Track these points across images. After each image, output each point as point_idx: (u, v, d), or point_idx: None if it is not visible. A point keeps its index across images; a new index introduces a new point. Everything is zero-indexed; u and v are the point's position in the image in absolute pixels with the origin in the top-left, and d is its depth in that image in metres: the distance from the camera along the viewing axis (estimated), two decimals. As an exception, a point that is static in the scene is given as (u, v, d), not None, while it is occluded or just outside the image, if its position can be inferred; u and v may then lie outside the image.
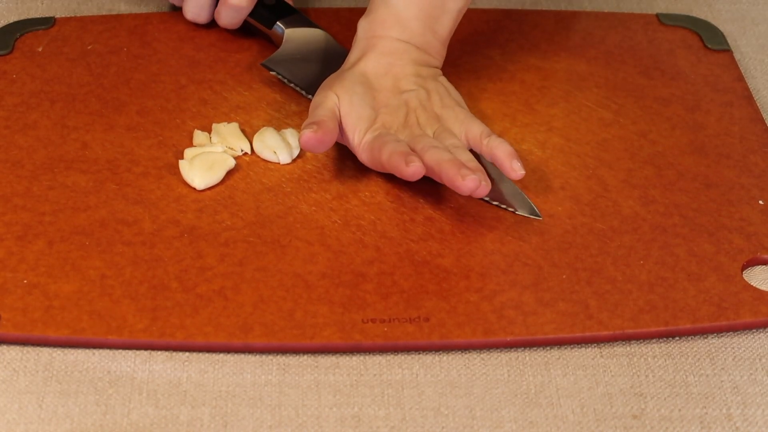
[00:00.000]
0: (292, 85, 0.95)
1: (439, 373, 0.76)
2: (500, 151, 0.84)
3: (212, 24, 1.02)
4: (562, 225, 0.85)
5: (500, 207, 0.85)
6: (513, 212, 0.85)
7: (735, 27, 1.07)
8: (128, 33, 1.01)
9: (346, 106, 0.87)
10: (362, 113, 0.86)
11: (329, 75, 0.90)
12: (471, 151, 0.86)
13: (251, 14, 0.99)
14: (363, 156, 0.86)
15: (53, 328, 0.76)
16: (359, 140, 0.86)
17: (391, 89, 0.88)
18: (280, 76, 0.95)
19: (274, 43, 0.99)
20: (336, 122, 0.86)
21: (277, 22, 0.98)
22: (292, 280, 0.80)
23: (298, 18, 0.99)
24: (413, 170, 0.82)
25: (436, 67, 0.92)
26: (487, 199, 0.86)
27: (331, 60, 0.95)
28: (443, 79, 0.91)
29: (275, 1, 1.00)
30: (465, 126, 0.87)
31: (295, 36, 0.97)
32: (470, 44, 1.01)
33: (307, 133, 0.84)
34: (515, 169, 0.83)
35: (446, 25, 0.91)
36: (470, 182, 0.81)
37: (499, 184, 0.86)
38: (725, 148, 0.92)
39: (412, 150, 0.84)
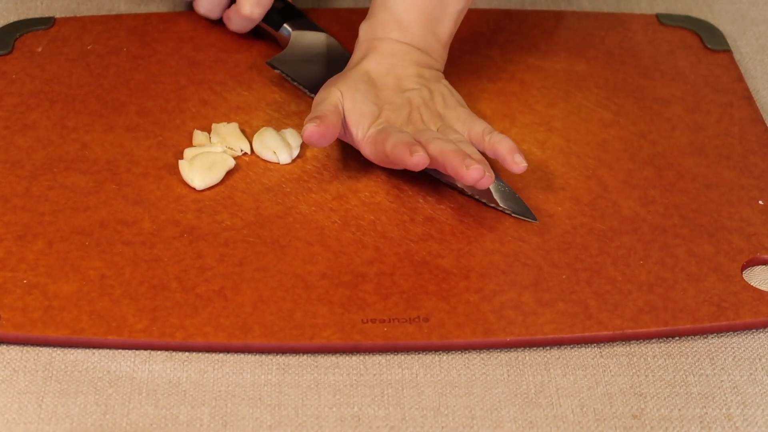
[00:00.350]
0: (295, 83, 0.95)
1: (439, 373, 0.76)
2: (502, 147, 0.84)
3: (212, 24, 1.02)
4: (562, 225, 0.85)
5: (497, 209, 0.85)
6: (509, 214, 0.85)
7: (735, 27, 1.07)
8: (128, 33, 1.01)
9: (350, 102, 0.87)
10: (366, 109, 0.86)
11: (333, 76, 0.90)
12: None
13: None
14: (367, 150, 0.86)
15: (53, 328, 0.76)
16: (363, 135, 0.86)
17: (394, 88, 0.88)
18: (284, 75, 0.95)
19: (280, 44, 0.99)
20: (339, 117, 0.86)
21: (284, 25, 0.98)
22: (292, 281, 0.80)
23: (305, 21, 0.99)
24: (417, 160, 0.81)
25: (438, 70, 0.92)
26: (484, 200, 0.86)
27: (335, 63, 0.95)
28: (445, 81, 0.91)
29: (283, 4, 1.00)
30: (468, 125, 0.87)
31: (301, 38, 0.98)
32: (470, 44, 1.01)
33: (311, 127, 0.84)
34: (517, 163, 0.83)
35: (447, 27, 0.91)
36: (474, 171, 0.81)
37: (497, 184, 0.86)
38: (725, 148, 0.92)
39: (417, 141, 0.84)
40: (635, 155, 0.91)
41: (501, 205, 0.85)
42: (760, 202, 0.87)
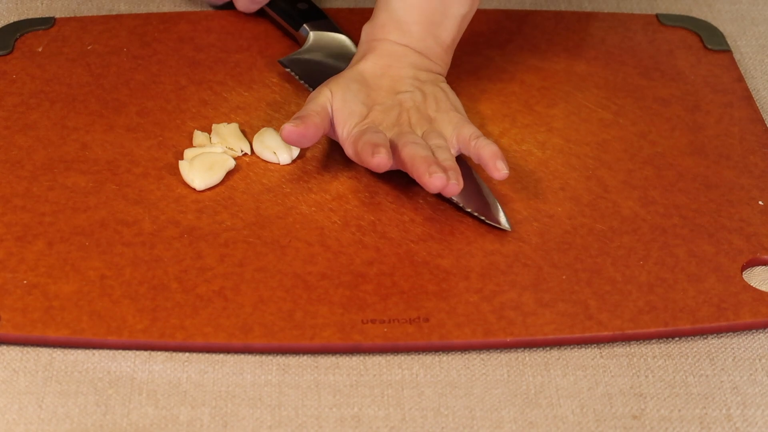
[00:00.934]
0: (302, 82, 0.95)
1: (439, 374, 0.76)
2: (485, 152, 0.84)
3: (212, 24, 1.02)
4: (562, 226, 0.85)
5: (471, 215, 0.85)
6: (483, 221, 0.84)
7: (735, 27, 1.07)
8: (128, 33, 1.01)
9: (339, 101, 0.87)
10: (354, 109, 0.86)
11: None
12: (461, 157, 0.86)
13: (280, 13, 1.00)
14: (348, 150, 0.86)
15: (53, 329, 0.76)
16: (347, 134, 0.86)
17: (388, 90, 0.88)
18: (292, 73, 0.95)
19: (299, 44, 1.00)
20: (324, 117, 0.86)
21: (304, 25, 0.99)
22: (292, 281, 0.80)
23: (326, 23, 0.99)
24: (378, 160, 0.81)
25: (438, 73, 0.91)
26: (461, 205, 0.85)
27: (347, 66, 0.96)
28: (444, 85, 0.91)
29: (308, 5, 1.00)
30: (457, 129, 0.86)
31: (318, 39, 0.98)
32: (470, 45, 1.01)
33: (288, 127, 0.84)
34: (499, 169, 0.83)
35: (449, 30, 0.91)
36: (436, 180, 0.80)
37: (481, 191, 0.86)
38: (725, 148, 0.92)
39: (394, 145, 0.84)
40: (635, 155, 0.91)
41: (477, 210, 0.84)
42: (760, 203, 0.87)
